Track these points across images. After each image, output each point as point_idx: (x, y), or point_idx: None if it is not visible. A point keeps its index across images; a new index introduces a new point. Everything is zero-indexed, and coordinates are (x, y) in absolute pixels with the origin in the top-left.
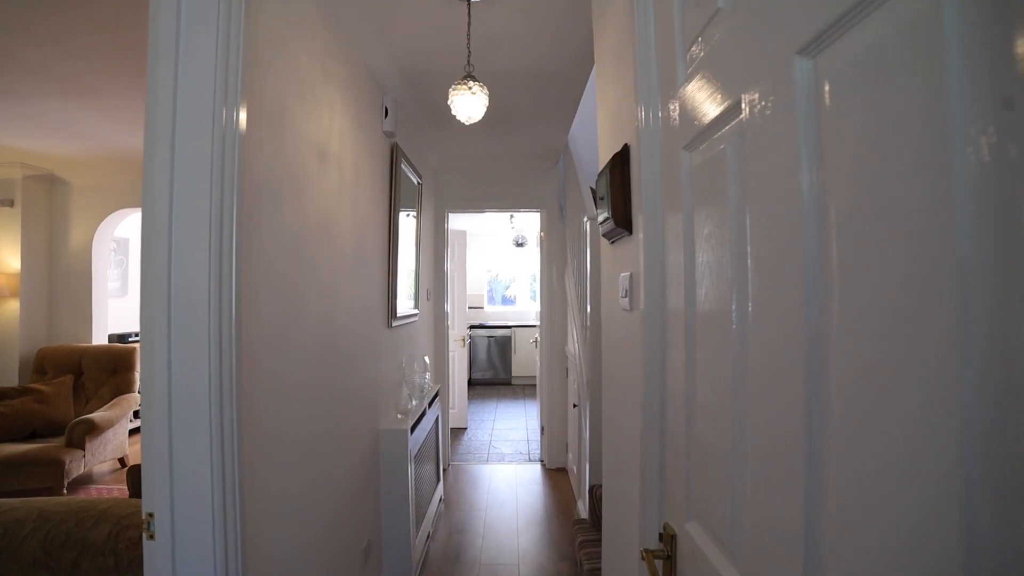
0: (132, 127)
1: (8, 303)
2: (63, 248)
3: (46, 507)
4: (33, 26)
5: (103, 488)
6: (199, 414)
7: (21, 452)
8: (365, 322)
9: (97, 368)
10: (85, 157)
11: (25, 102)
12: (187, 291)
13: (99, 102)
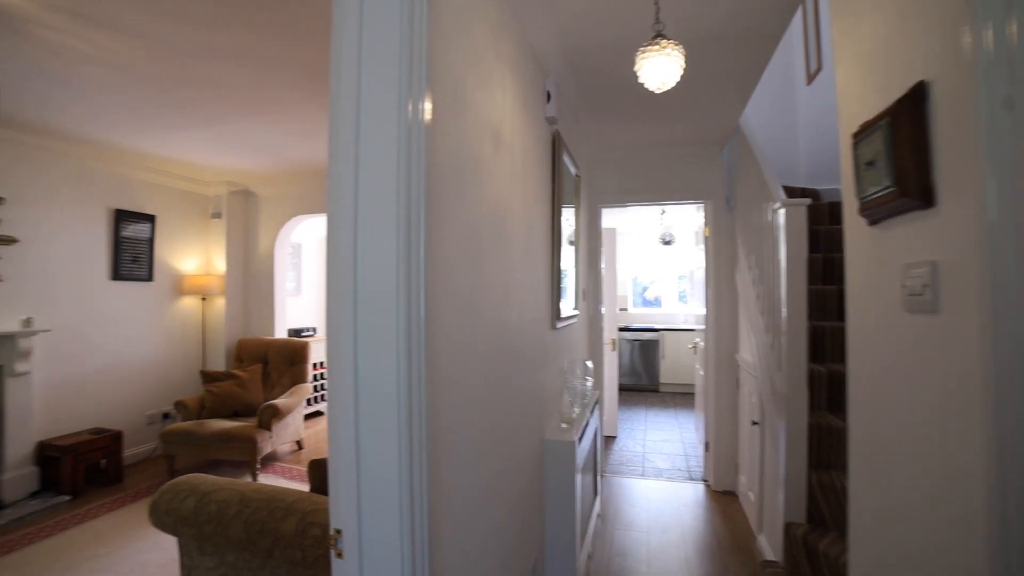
0: (307, 139)
1: (217, 300)
2: (254, 253)
3: (246, 492)
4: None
5: (285, 466)
6: (387, 427)
7: (227, 428)
8: (532, 322)
9: (279, 359)
10: (268, 171)
11: (225, 123)
12: (373, 294)
13: (281, 117)
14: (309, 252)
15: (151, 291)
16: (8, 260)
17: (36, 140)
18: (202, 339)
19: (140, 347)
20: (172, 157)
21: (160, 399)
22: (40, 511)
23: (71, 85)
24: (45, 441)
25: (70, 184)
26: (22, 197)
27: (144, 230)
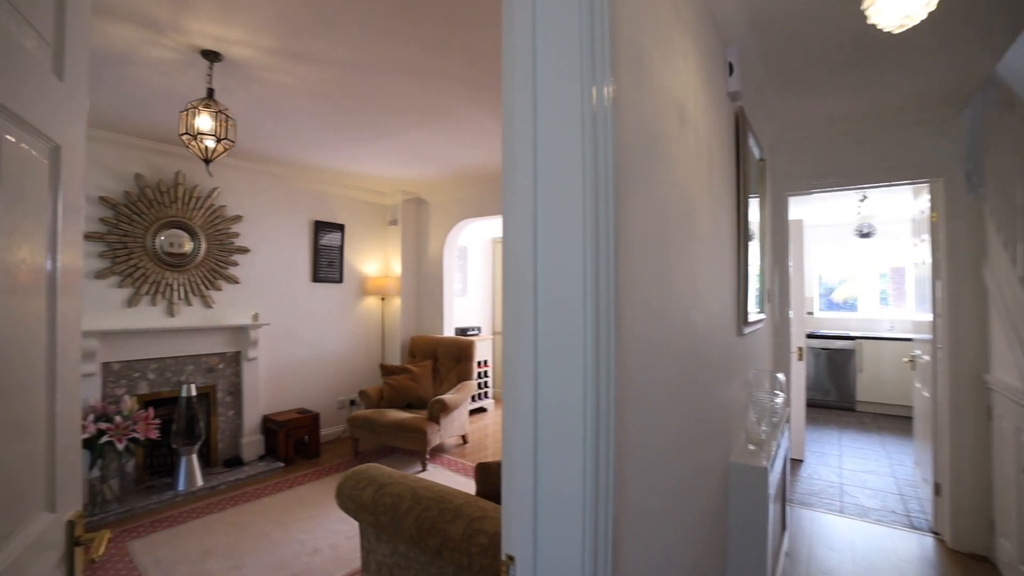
0: (472, 146)
1: (394, 300)
2: (425, 256)
3: (417, 488)
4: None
5: (451, 459)
6: (571, 447)
7: (401, 419)
8: (719, 326)
9: (447, 356)
10: (437, 178)
11: (399, 135)
12: (557, 299)
13: (449, 126)
14: (474, 254)
15: (341, 292)
16: (243, 266)
17: (260, 167)
18: (381, 335)
19: (332, 341)
20: (356, 171)
21: (347, 387)
22: (265, 472)
23: (282, 116)
24: (267, 415)
25: (282, 201)
26: (252, 214)
27: (336, 238)
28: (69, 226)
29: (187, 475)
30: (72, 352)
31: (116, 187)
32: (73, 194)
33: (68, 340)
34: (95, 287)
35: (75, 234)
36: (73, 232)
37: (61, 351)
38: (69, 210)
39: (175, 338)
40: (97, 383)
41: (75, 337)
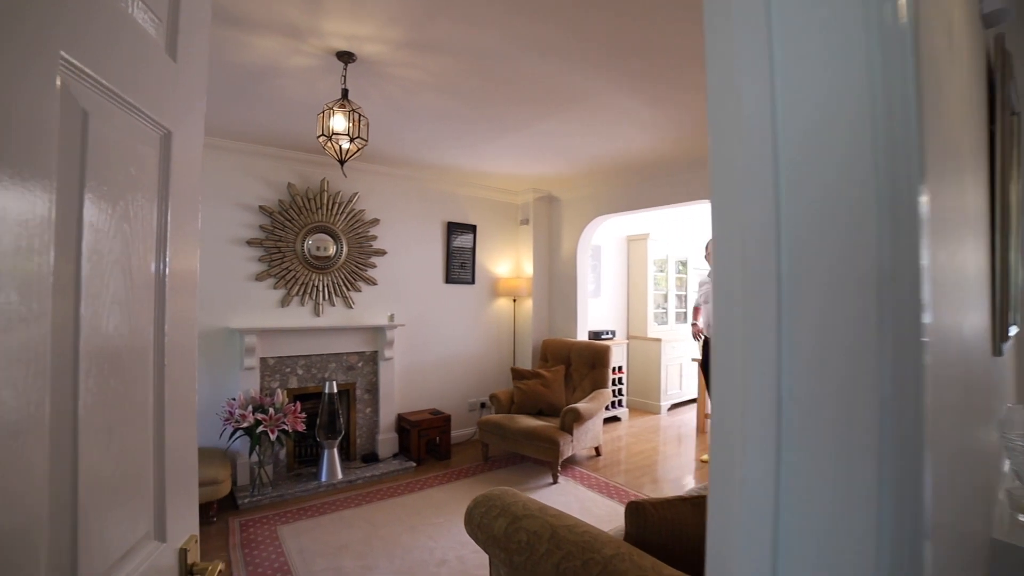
0: (605, 136)
1: (525, 301)
2: (557, 256)
3: (557, 528)
4: (531, 40)
5: (584, 472)
6: (852, 497)
7: (532, 427)
8: (973, 343)
9: (581, 362)
10: (568, 174)
11: (528, 128)
12: (823, 283)
13: (582, 114)
14: (608, 254)
15: (473, 293)
16: (379, 268)
17: (394, 170)
18: (512, 338)
19: (464, 342)
20: (486, 170)
21: (478, 389)
22: (398, 470)
23: (411, 114)
24: (401, 414)
25: (416, 203)
26: (388, 217)
27: (468, 239)
28: (181, 220)
29: (329, 468)
30: (185, 373)
31: (272, 196)
32: (186, 185)
33: (180, 354)
34: (255, 288)
35: (188, 229)
36: (186, 227)
37: (172, 368)
38: (182, 202)
39: (320, 337)
40: (256, 376)
41: (190, 352)
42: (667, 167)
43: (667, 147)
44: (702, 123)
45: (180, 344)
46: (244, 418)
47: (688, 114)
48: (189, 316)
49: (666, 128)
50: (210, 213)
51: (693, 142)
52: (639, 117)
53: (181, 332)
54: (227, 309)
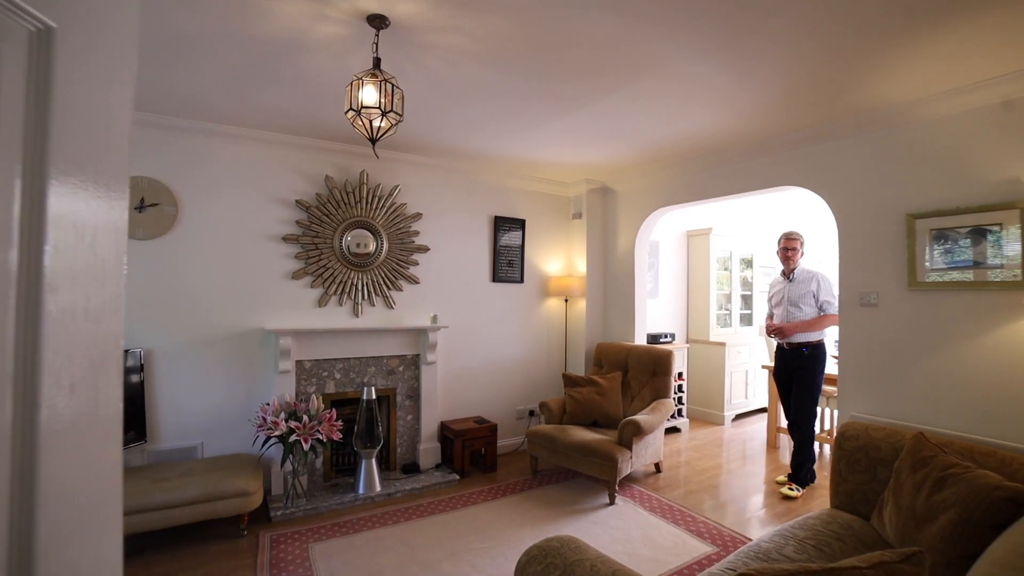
0: (672, 115)
1: (578, 302)
2: (612, 252)
3: None
4: None
5: (644, 492)
6: None
7: (588, 441)
8: None
9: (640, 368)
10: (626, 161)
11: (585, 106)
12: None
13: (645, 89)
14: (666, 250)
15: (522, 293)
16: (422, 266)
17: (437, 161)
18: (564, 341)
19: (512, 346)
20: (536, 159)
21: (526, 396)
22: (440, 483)
23: (453, 92)
24: (444, 422)
25: (460, 196)
26: (431, 211)
27: (516, 235)
28: (76, 194)
29: (366, 479)
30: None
31: (309, 190)
32: (87, 134)
33: (72, 356)
34: (291, 287)
35: (94, 211)
36: (65, 159)
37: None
38: (76, 165)
39: (359, 339)
40: (292, 380)
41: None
42: (743, 149)
43: (745, 125)
44: (794, 90)
45: (67, 346)
46: (276, 425)
47: (777, 78)
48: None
49: (746, 100)
50: (244, 208)
51: (781, 115)
52: (715, 88)
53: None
54: (262, 309)
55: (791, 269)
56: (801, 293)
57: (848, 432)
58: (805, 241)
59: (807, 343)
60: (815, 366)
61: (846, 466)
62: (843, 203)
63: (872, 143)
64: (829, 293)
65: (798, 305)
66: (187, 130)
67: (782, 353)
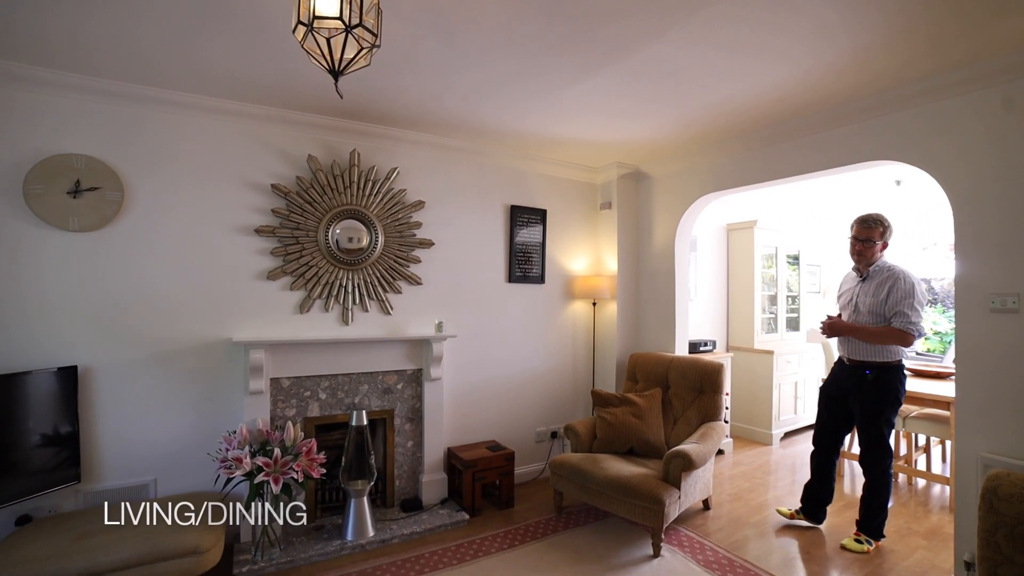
0: (732, 71)
1: (607, 305)
2: (647, 248)
3: None
4: None
5: (692, 536)
6: None
7: (627, 477)
8: None
9: (683, 384)
10: (667, 137)
11: (628, 57)
12: None
13: (709, 30)
14: (704, 246)
15: (542, 295)
16: (425, 264)
17: (442, 140)
18: (592, 352)
19: (531, 357)
20: (559, 137)
21: (548, 416)
22: (446, 525)
23: (462, 41)
24: (452, 449)
25: (470, 182)
26: (435, 200)
27: (536, 228)
28: None
29: (356, 522)
30: None
31: (288, 172)
32: None
33: None
34: (265, 290)
35: None
36: None
37: None
38: None
39: (349, 351)
40: (266, 402)
41: None
42: (819, 116)
43: (833, 80)
44: (915, 23)
45: None
46: (239, 463)
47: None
48: None
49: (847, 39)
50: (206, 193)
51: (885, 63)
52: (811, 18)
53: None
54: (230, 316)
55: (866, 265)
56: (876, 299)
57: (1004, 489)
58: (890, 229)
59: (871, 363)
60: (882, 396)
61: (1007, 540)
62: (962, 178)
63: (1002, 96)
64: (906, 300)
65: (871, 313)
66: (133, 98)
67: (841, 369)
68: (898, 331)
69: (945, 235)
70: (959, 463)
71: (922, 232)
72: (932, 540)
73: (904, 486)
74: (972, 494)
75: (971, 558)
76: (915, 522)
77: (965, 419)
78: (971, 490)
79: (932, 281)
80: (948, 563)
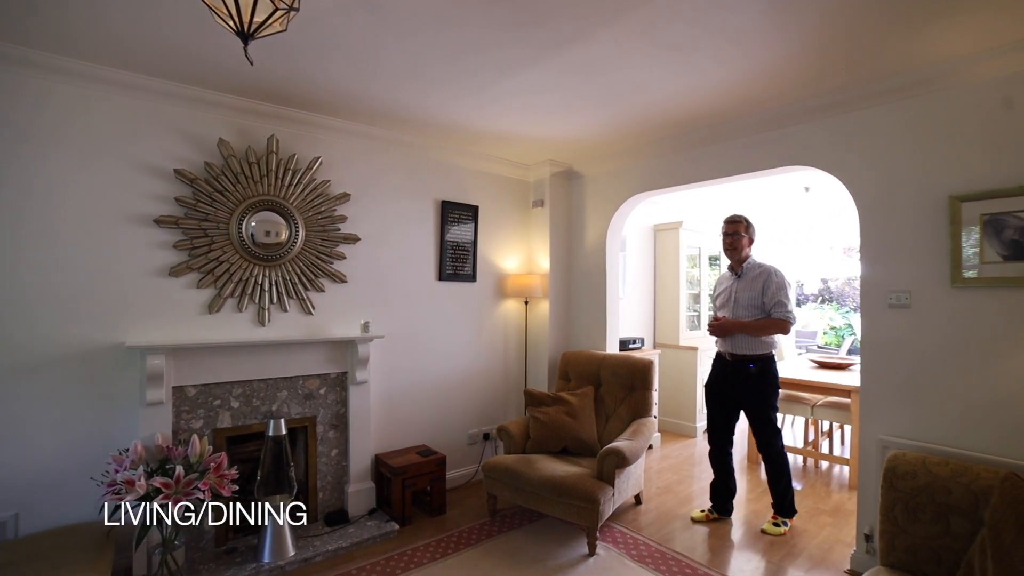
0: (671, 71)
1: (541, 304)
2: (579, 246)
3: None
4: None
5: (624, 531)
6: None
7: (561, 478)
8: None
9: (615, 382)
10: (604, 136)
11: (569, 50)
12: None
13: (650, 26)
14: (634, 246)
15: (474, 293)
16: (350, 260)
17: (370, 129)
18: (524, 351)
19: (462, 358)
20: (493, 131)
21: (480, 417)
22: (374, 538)
23: (393, 18)
24: (380, 456)
25: (399, 175)
26: (362, 192)
27: (468, 225)
28: None
29: (274, 542)
30: None
31: (196, 157)
32: None
33: None
34: (168, 287)
35: None
36: None
37: None
38: None
39: (266, 355)
40: (167, 414)
41: None
42: (743, 122)
43: (756, 88)
44: (830, 40)
45: None
46: (132, 485)
47: (818, 18)
48: None
49: (769, 51)
50: (96, 177)
51: (803, 74)
52: (739, 30)
53: None
54: (122, 318)
55: (739, 261)
56: (753, 295)
57: (901, 467)
58: (752, 226)
59: (753, 358)
60: (766, 387)
61: (904, 513)
62: (867, 184)
63: (908, 111)
64: (781, 291)
65: (749, 309)
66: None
67: (722, 365)
68: (779, 320)
69: (842, 239)
70: (862, 445)
71: (825, 236)
72: (836, 517)
73: (812, 469)
74: (872, 473)
75: (870, 531)
76: (822, 501)
77: (867, 404)
78: (872, 469)
79: (829, 281)
80: (851, 537)
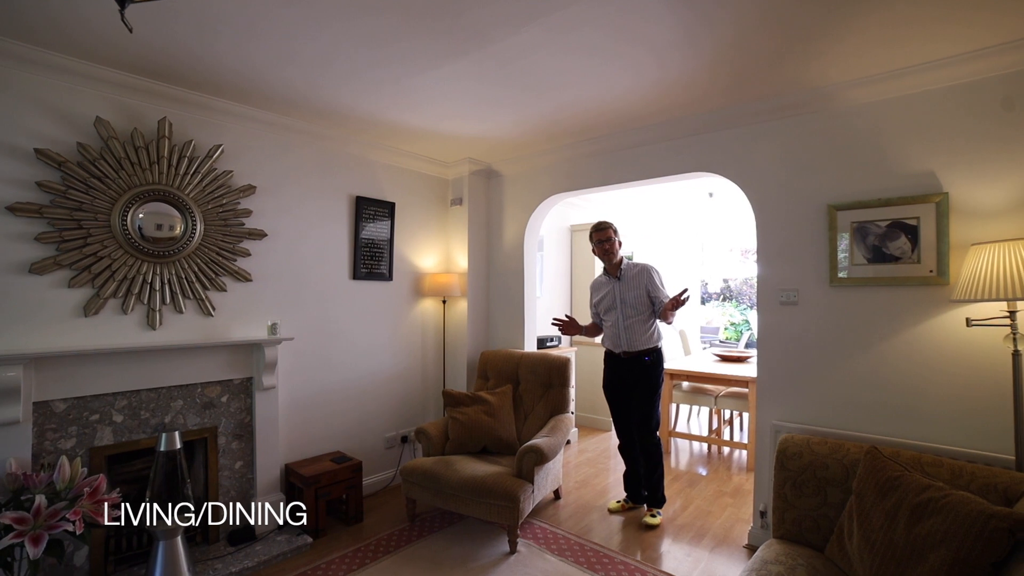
0: (589, 74)
1: (459, 303)
2: (498, 245)
3: None
4: None
5: (544, 527)
6: None
7: (481, 478)
8: None
9: (533, 380)
10: (518, 138)
11: (491, 44)
12: None
13: (574, 24)
14: (551, 246)
15: (390, 293)
16: (256, 257)
17: (280, 118)
18: (442, 350)
19: (378, 359)
20: (413, 126)
21: (398, 419)
22: (286, 553)
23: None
24: (290, 465)
25: (311, 168)
26: (269, 185)
27: (384, 222)
28: None
29: (167, 569)
30: None
31: (65, 137)
32: None
33: None
34: (28, 286)
35: None
36: None
37: None
38: None
39: (157, 361)
40: (24, 436)
41: None
42: (653, 130)
43: (668, 96)
44: (736, 55)
45: None
46: None
47: (729, 31)
48: None
49: (681, 61)
50: None
51: (710, 87)
52: (654, 35)
53: None
54: None
55: (615, 265)
56: (638, 293)
57: (790, 449)
58: (618, 230)
59: (648, 351)
60: (657, 375)
61: (792, 490)
62: (762, 192)
63: (798, 127)
64: (663, 284)
65: (637, 307)
66: None
67: (618, 363)
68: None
69: (741, 242)
70: (758, 431)
71: (726, 239)
72: (736, 497)
73: (716, 455)
74: (767, 456)
75: (765, 508)
76: (724, 484)
77: (763, 393)
78: (766, 452)
79: (729, 281)
80: (748, 515)
